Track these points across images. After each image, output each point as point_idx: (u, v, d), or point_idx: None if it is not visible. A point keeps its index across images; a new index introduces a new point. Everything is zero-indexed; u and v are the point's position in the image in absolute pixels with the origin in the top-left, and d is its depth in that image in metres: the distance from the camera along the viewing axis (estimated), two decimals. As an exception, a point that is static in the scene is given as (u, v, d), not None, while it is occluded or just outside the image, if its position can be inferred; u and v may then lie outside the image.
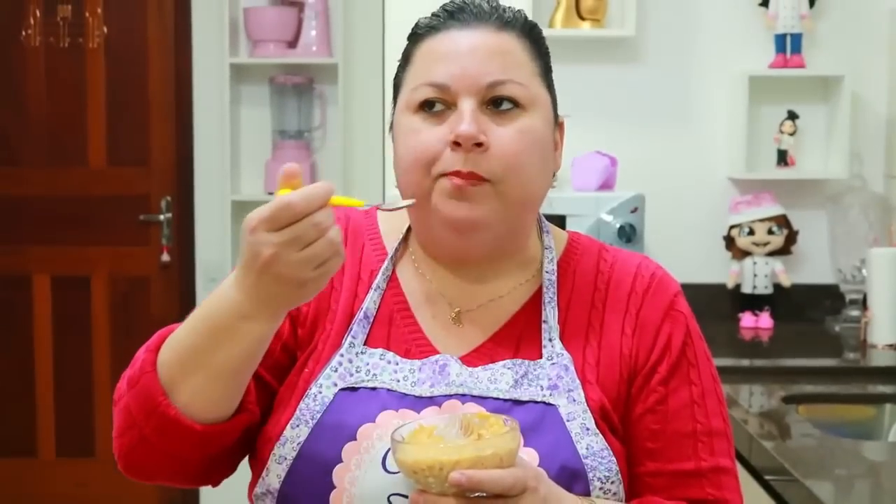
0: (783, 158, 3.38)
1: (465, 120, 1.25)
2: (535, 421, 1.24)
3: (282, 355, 1.32)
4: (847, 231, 3.32)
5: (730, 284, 3.39)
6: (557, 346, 1.31)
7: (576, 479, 1.22)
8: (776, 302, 3.35)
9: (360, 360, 1.30)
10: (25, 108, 4.19)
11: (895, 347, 2.97)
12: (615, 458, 1.26)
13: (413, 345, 1.32)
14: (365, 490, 1.21)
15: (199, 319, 1.19)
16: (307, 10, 4.04)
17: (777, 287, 3.36)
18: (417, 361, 1.30)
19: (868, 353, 2.98)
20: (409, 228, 1.39)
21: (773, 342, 3.19)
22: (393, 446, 1.12)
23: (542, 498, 1.13)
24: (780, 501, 2.01)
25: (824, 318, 3.34)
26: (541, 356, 1.30)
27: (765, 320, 3.29)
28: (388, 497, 1.20)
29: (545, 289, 1.34)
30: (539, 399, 1.27)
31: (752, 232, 3.33)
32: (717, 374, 1.36)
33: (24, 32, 4.16)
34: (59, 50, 4.16)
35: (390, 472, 1.20)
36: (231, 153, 4.02)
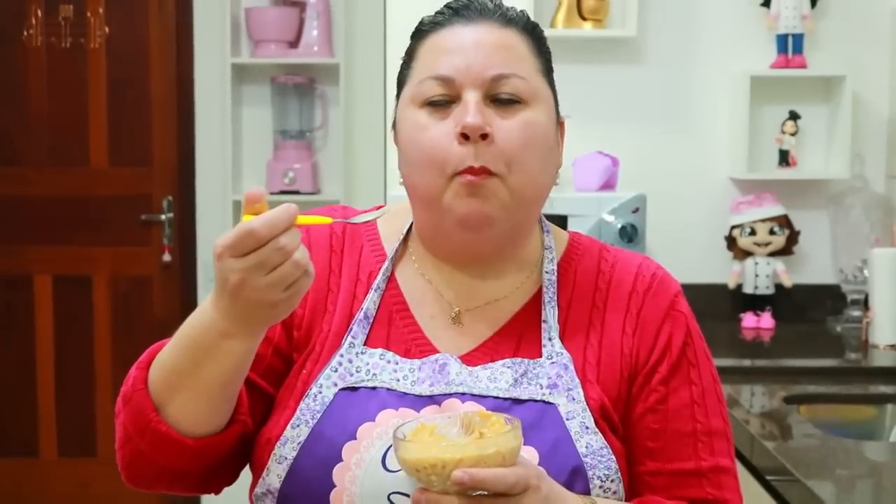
0: (785, 159, 3.37)
1: (471, 111, 1.26)
2: (535, 420, 1.24)
3: (274, 360, 1.33)
4: (848, 231, 3.32)
5: (731, 284, 3.39)
6: (557, 346, 1.31)
7: (576, 478, 1.23)
8: (777, 302, 3.35)
9: (359, 360, 1.30)
10: (27, 108, 4.19)
11: (896, 348, 2.97)
12: (615, 457, 1.26)
13: (413, 344, 1.32)
14: (365, 489, 1.21)
15: (182, 338, 1.21)
16: (308, 10, 4.04)
17: (778, 287, 3.36)
18: (417, 361, 1.30)
19: (869, 354, 2.98)
20: (408, 230, 1.40)
21: (775, 342, 3.19)
22: (395, 444, 1.12)
23: (543, 496, 1.13)
24: (782, 501, 2.01)
25: (826, 319, 3.34)
26: (540, 355, 1.31)
27: (766, 320, 3.29)
28: (389, 496, 1.21)
29: (545, 288, 1.35)
30: (539, 398, 1.27)
31: (753, 232, 3.33)
32: (717, 374, 1.37)
33: (25, 32, 4.16)
34: (60, 50, 4.16)
35: (390, 471, 1.21)
36: (232, 153, 4.02)
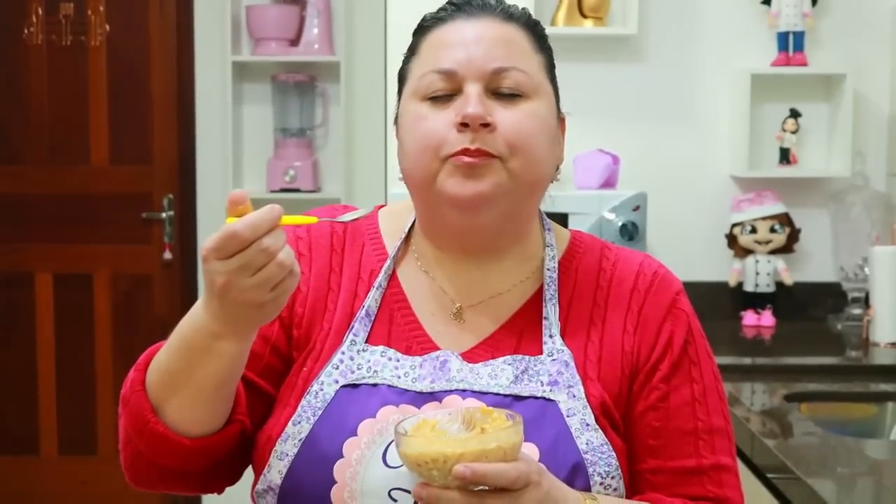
0: (785, 156, 3.37)
1: (472, 102, 1.27)
2: (536, 416, 1.25)
3: (273, 359, 1.33)
4: (849, 229, 3.31)
5: (732, 283, 3.39)
6: (558, 343, 1.31)
7: (576, 475, 1.23)
8: (778, 300, 3.35)
9: (361, 358, 1.30)
10: (27, 106, 4.19)
11: (897, 346, 2.97)
12: (615, 454, 1.27)
13: (414, 342, 1.33)
14: (366, 485, 1.22)
15: (176, 339, 1.21)
16: (309, 8, 4.04)
17: (779, 285, 3.36)
18: (418, 358, 1.31)
19: (870, 352, 2.98)
20: (411, 227, 1.40)
21: (775, 340, 3.19)
22: (397, 439, 1.12)
23: (544, 492, 1.13)
24: (783, 499, 2.01)
25: (826, 317, 3.34)
26: (541, 352, 1.31)
27: (767, 318, 3.29)
28: (389, 491, 1.21)
29: (546, 286, 1.35)
30: (539, 395, 1.27)
31: (754, 230, 3.33)
32: (718, 373, 1.37)
33: (26, 30, 4.16)
34: (61, 48, 4.16)
35: (391, 467, 1.21)
36: (233, 151, 4.02)
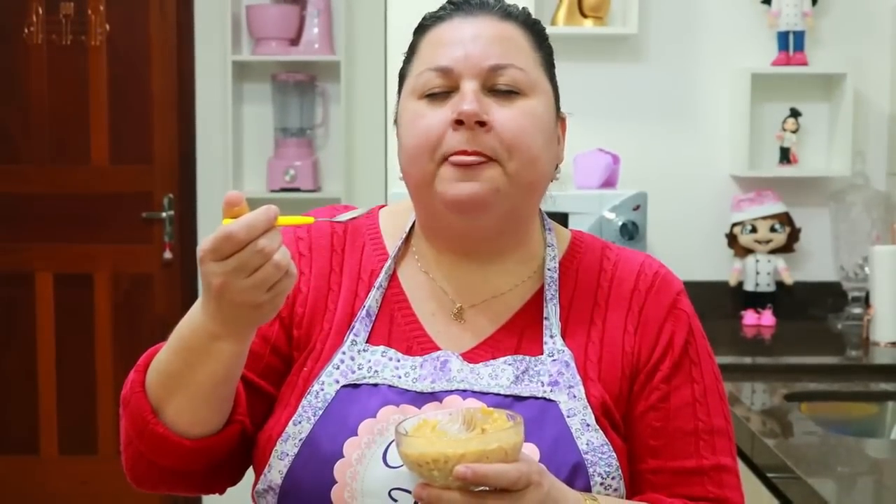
0: (786, 156, 3.37)
1: (467, 99, 1.26)
2: (536, 417, 1.25)
3: (273, 359, 1.33)
4: (849, 229, 3.31)
5: (732, 282, 3.39)
6: (559, 343, 1.31)
7: (576, 475, 1.23)
8: (778, 299, 3.35)
9: (361, 358, 1.30)
10: (28, 106, 4.19)
11: (897, 345, 2.97)
12: (616, 454, 1.26)
13: (414, 342, 1.33)
14: (366, 484, 1.22)
15: (174, 340, 1.22)
16: (309, 8, 4.04)
17: (779, 285, 3.36)
18: (419, 358, 1.31)
19: (870, 351, 2.98)
20: (411, 227, 1.40)
21: (776, 340, 3.19)
22: (397, 439, 1.12)
23: (545, 493, 1.13)
24: (783, 499, 2.01)
25: (826, 316, 3.34)
26: (542, 352, 1.31)
27: (767, 318, 3.29)
28: (390, 491, 1.21)
29: (547, 286, 1.35)
30: (539, 395, 1.27)
31: (754, 229, 3.33)
32: (718, 373, 1.37)
33: (26, 30, 4.16)
34: (61, 47, 4.16)
35: (391, 467, 1.21)
36: (233, 151, 4.02)
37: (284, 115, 4.07)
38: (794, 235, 3.36)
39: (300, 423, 1.26)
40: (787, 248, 3.37)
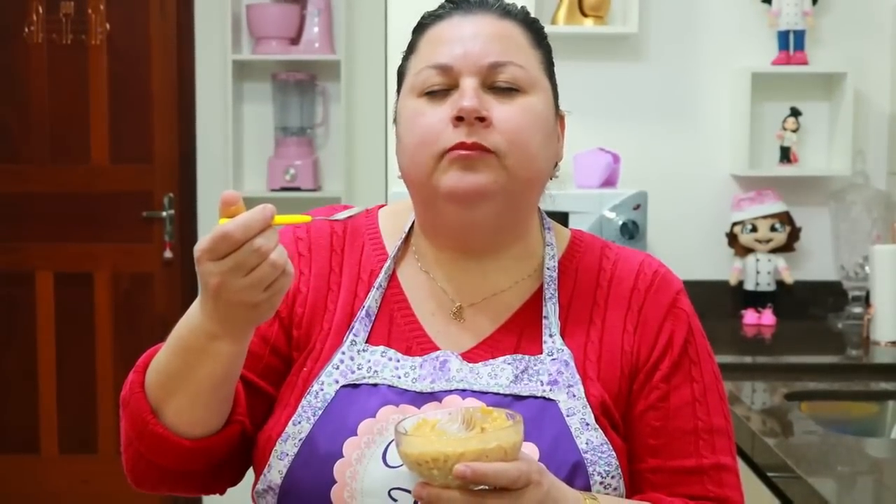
0: (786, 155, 3.37)
1: (467, 95, 1.27)
2: (535, 416, 1.25)
3: (272, 359, 1.33)
4: (850, 228, 3.31)
5: (732, 281, 3.39)
6: (558, 342, 1.31)
7: (576, 474, 1.23)
8: (779, 299, 3.35)
9: (361, 358, 1.30)
10: (28, 105, 4.19)
11: (898, 344, 2.97)
12: (615, 454, 1.26)
13: (414, 342, 1.33)
14: (366, 484, 1.21)
15: (173, 340, 1.21)
16: (310, 7, 4.04)
17: (780, 284, 3.36)
18: (419, 358, 1.31)
19: (871, 350, 2.98)
20: (410, 227, 1.40)
21: (776, 339, 3.18)
22: (397, 438, 1.12)
23: (545, 492, 1.13)
24: (783, 498, 2.01)
25: (827, 315, 3.33)
26: (541, 352, 1.31)
27: (767, 317, 3.29)
28: (389, 491, 1.21)
29: (546, 285, 1.35)
30: (539, 394, 1.27)
31: (754, 229, 3.33)
32: (718, 372, 1.37)
33: (26, 29, 4.16)
34: (61, 47, 4.16)
35: (391, 467, 1.21)
36: (233, 150, 4.03)
37: (285, 115, 4.08)
38: (794, 235, 3.36)
39: (300, 422, 1.26)
40: (787, 248, 3.36)
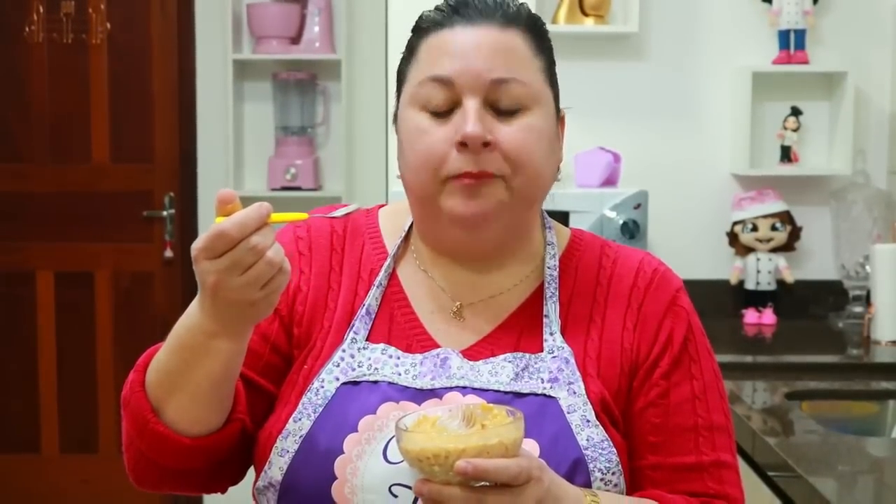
0: (786, 155, 3.37)
1: (471, 120, 1.25)
2: (536, 413, 1.25)
3: (273, 357, 1.34)
4: (850, 227, 3.31)
5: (733, 281, 3.39)
6: (558, 340, 1.31)
7: (576, 471, 1.23)
8: (779, 298, 3.35)
9: (361, 355, 1.31)
10: (28, 105, 4.19)
11: (898, 344, 2.97)
12: (616, 450, 1.27)
13: (414, 340, 1.33)
14: (366, 480, 1.22)
15: (173, 339, 1.22)
16: (310, 7, 4.04)
17: (780, 283, 3.36)
18: (419, 356, 1.31)
19: (871, 350, 2.98)
20: (410, 226, 1.40)
21: (777, 338, 3.19)
22: (398, 435, 1.12)
23: (545, 488, 1.13)
24: (784, 498, 2.01)
25: (827, 315, 3.34)
26: (542, 349, 1.31)
27: (768, 316, 3.29)
28: (390, 487, 1.21)
29: (546, 284, 1.35)
30: (539, 392, 1.27)
31: (755, 228, 3.33)
32: (718, 370, 1.37)
33: (27, 28, 4.16)
34: (62, 46, 4.17)
35: (392, 463, 1.21)
36: (234, 149, 4.03)
37: (285, 114, 4.08)
38: (794, 234, 3.36)
39: (300, 420, 1.27)
40: (787, 247, 3.37)
